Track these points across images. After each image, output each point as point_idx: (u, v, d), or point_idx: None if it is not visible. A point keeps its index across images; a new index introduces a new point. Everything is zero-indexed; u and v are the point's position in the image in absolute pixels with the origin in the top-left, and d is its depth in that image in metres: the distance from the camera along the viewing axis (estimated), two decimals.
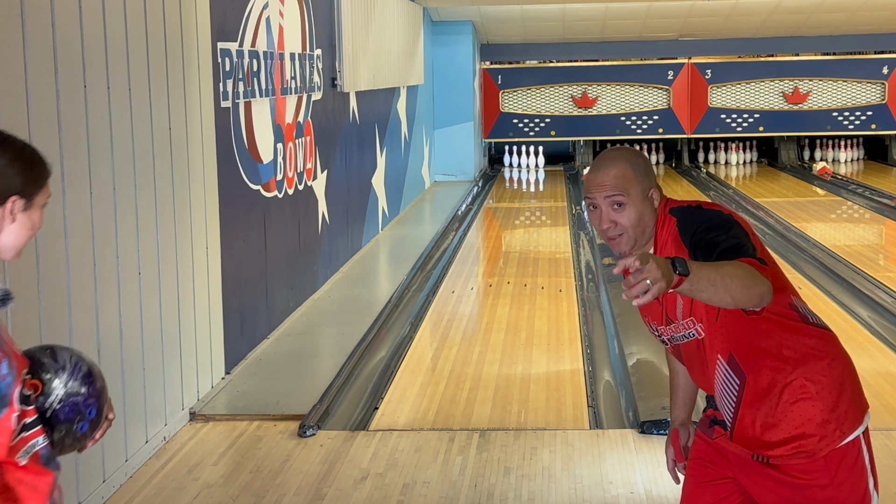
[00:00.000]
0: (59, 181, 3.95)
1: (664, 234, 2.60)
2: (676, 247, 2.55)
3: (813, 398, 2.51)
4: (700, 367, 2.65)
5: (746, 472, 2.64)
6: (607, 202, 2.59)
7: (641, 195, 2.60)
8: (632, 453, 4.69)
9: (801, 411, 2.52)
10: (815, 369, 2.52)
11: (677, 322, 2.63)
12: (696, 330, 2.59)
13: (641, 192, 2.60)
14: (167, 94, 5.04)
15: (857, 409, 2.55)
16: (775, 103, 16.83)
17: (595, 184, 2.61)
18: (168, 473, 4.57)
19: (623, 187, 2.58)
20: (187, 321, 5.26)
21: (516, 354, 6.35)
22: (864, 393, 2.62)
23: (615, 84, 16.91)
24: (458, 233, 11.06)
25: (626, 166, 2.60)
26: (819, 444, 2.52)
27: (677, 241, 2.55)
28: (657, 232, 2.62)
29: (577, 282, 8.42)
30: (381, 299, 7.88)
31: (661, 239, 2.61)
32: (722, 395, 2.61)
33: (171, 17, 5.11)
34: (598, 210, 2.61)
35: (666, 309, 2.64)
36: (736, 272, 2.32)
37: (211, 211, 5.68)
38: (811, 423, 2.51)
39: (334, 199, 8.72)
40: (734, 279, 2.30)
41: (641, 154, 2.69)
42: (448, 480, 4.43)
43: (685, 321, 2.60)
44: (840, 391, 2.53)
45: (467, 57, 15.60)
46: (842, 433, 2.52)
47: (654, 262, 2.21)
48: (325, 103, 8.44)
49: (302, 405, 5.34)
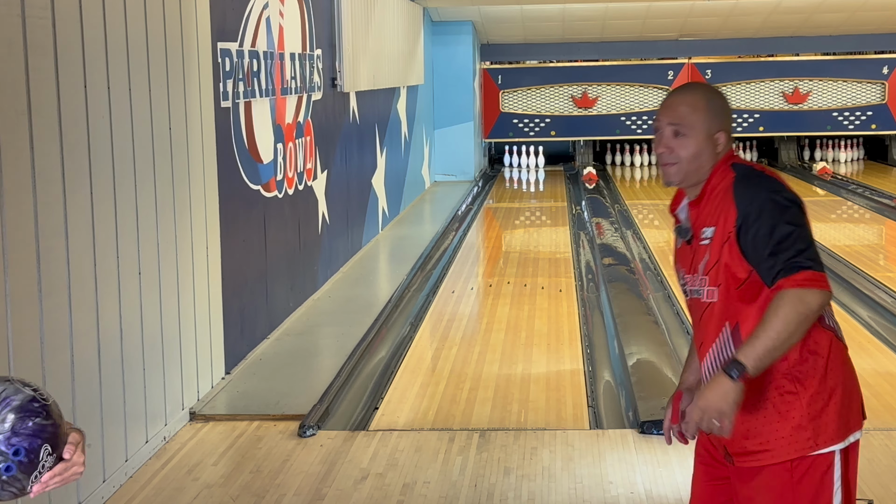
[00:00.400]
0: (59, 181, 3.95)
1: (717, 183, 2.55)
2: (725, 202, 2.50)
3: (797, 398, 2.47)
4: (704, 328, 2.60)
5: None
6: (670, 128, 2.57)
7: (706, 133, 2.55)
8: (632, 453, 4.69)
9: (781, 407, 2.48)
10: (810, 372, 2.48)
11: (697, 274, 2.59)
12: (708, 291, 2.55)
13: (707, 129, 2.55)
14: (167, 94, 5.04)
15: (843, 424, 2.48)
16: (775, 103, 16.83)
17: (664, 106, 2.60)
18: (168, 473, 4.57)
19: (688, 118, 2.55)
20: (187, 321, 5.26)
21: (516, 354, 6.35)
22: (860, 410, 2.56)
23: (615, 84, 16.91)
24: (458, 233, 11.06)
25: (701, 99, 2.57)
26: (787, 448, 2.47)
27: (727, 197, 2.50)
28: (711, 177, 2.56)
29: (577, 282, 8.42)
30: (381, 299, 7.88)
31: (711, 186, 2.56)
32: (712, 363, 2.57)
33: (171, 17, 5.11)
34: (660, 133, 2.59)
35: (695, 258, 2.60)
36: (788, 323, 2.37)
37: (211, 211, 5.68)
38: (787, 423, 2.47)
39: (334, 199, 8.72)
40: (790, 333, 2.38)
41: (722, 96, 2.63)
42: (448, 480, 4.43)
43: (701, 276, 2.57)
44: (828, 401, 2.47)
45: (467, 57, 15.60)
46: (815, 444, 2.46)
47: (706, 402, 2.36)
48: (325, 103, 8.44)
49: (302, 405, 5.34)
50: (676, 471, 4.47)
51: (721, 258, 2.51)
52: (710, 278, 2.54)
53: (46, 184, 3.86)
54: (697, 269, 2.59)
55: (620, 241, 10.16)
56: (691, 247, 2.61)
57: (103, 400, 4.26)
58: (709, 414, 2.39)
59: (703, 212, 2.58)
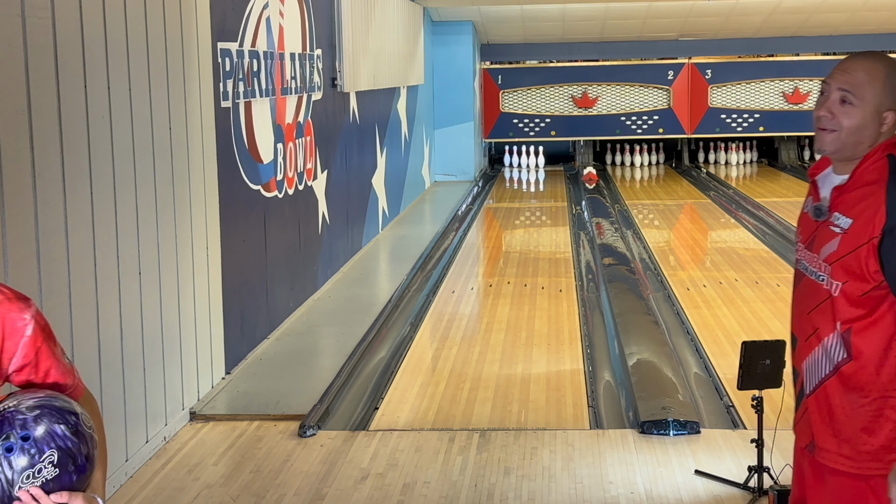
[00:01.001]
0: (59, 181, 3.95)
1: (869, 167, 2.41)
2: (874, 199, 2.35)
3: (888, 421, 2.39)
4: (816, 318, 2.47)
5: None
6: (838, 93, 2.42)
7: (875, 107, 2.40)
8: (632, 453, 4.69)
9: (876, 426, 2.40)
10: None
11: (817, 257, 2.47)
12: (831, 282, 2.42)
13: (878, 104, 2.40)
14: (167, 94, 5.04)
15: None
16: (775, 103, 16.83)
17: (839, 69, 2.45)
18: (168, 473, 4.57)
19: (861, 88, 2.40)
20: (187, 321, 5.26)
21: (516, 354, 6.35)
22: None
23: (615, 84, 16.91)
24: (459, 233, 11.06)
25: (881, 71, 2.40)
26: (870, 465, 2.41)
27: (878, 195, 2.34)
28: (865, 160, 2.41)
29: (578, 282, 8.42)
30: (381, 299, 7.88)
31: (861, 171, 2.42)
32: (818, 360, 2.48)
33: (171, 17, 5.11)
34: (826, 96, 2.45)
35: (817, 236, 2.48)
36: None
37: (211, 211, 5.68)
38: (876, 440, 2.40)
39: (334, 199, 8.72)
40: None
41: None
42: (448, 480, 4.43)
43: (821, 262, 2.45)
44: None
45: (467, 57, 15.60)
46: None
47: None
48: (325, 103, 8.44)
49: (302, 405, 5.34)
50: (676, 471, 4.47)
51: (853, 258, 2.38)
52: (833, 270, 2.41)
53: (46, 184, 3.86)
54: (818, 252, 2.46)
55: (620, 241, 10.16)
56: (817, 223, 2.49)
57: (103, 400, 4.25)
58: None
59: (845, 196, 2.44)
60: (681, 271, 8.84)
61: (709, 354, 6.18)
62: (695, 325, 6.91)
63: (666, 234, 10.96)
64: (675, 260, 9.46)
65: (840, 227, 2.42)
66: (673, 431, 4.87)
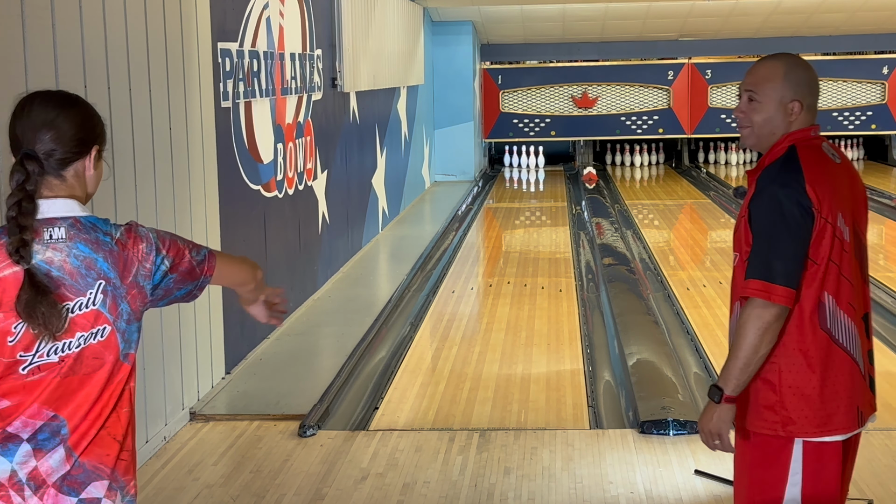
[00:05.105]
0: None
1: (773, 154, 2.63)
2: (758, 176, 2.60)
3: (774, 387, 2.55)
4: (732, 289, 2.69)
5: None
6: (746, 94, 2.66)
7: (778, 101, 2.62)
8: (632, 453, 4.69)
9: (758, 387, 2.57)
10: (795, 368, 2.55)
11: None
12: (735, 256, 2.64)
13: (780, 98, 2.61)
14: (167, 94, 5.04)
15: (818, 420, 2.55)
16: None
17: (746, 73, 2.69)
18: (168, 473, 4.57)
19: (761, 86, 2.63)
20: (187, 321, 5.26)
21: (516, 354, 6.35)
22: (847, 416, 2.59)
23: (615, 84, 16.91)
24: (458, 233, 11.06)
25: (779, 68, 2.63)
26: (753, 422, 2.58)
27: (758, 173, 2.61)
28: (772, 147, 2.65)
29: (577, 282, 8.42)
30: (381, 299, 7.88)
31: (769, 156, 2.64)
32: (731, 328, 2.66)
33: (171, 17, 5.11)
34: (741, 97, 2.68)
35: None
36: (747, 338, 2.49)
37: (211, 211, 5.68)
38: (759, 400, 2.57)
39: (334, 199, 8.72)
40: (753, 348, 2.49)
41: (808, 67, 2.67)
42: (448, 480, 4.44)
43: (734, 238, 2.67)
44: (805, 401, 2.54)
45: (467, 57, 15.60)
46: (782, 427, 2.55)
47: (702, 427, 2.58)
48: (325, 103, 8.44)
49: (302, 405, 5.34)
50: (676, 471, 4.47)
51: (741, 233, 2.61)
52: (734, 242, 2.65)
53: None
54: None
55: (620, 241, 10.16)
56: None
57: None
58: (707, 437, 2.58)
59: (749, 179, 2.69)
60: (681, 271, 8.84)
61: (709, 354, 6.18)
62: (695, 325, 6.91)
63: (666, 234, 10.96)
64: (675, 260, 9.47)
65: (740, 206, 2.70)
66: (673, 431, 4.87)
